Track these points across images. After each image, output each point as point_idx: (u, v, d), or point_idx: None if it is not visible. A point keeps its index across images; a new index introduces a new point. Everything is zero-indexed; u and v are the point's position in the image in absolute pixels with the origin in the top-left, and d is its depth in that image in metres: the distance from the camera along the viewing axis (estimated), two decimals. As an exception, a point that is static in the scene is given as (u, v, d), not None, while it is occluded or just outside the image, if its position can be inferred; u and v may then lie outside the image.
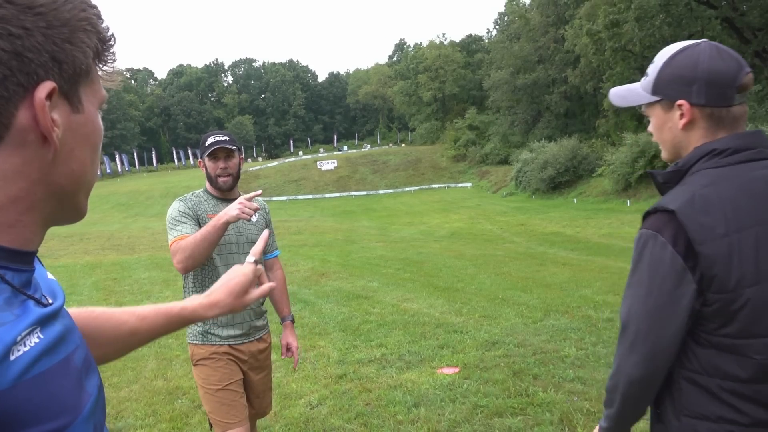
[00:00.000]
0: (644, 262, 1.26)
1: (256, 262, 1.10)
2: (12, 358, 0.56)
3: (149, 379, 5.17)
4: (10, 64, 0.56)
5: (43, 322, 0.62)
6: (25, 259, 0.65)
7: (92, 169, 0.69)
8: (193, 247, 2.39)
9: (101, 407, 0.72)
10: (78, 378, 0.65)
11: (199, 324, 2.65)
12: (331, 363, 5.38)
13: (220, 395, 2.58)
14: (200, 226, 2.53)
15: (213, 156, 2.64)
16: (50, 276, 0.76)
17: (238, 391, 2.63)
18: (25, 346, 0.58)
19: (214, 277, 2.63)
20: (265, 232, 1.24)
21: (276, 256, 2.98)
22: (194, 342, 2.68)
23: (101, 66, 0.67)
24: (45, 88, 0.59)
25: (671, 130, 1.35)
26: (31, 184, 0.62)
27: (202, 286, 2.65)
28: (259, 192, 2.49)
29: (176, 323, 1.01)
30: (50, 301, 0.68)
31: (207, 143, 2.65)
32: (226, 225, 2.38)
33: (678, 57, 1.31)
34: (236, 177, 2.70)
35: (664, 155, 1.42)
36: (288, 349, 2.93)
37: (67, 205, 0.68)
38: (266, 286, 1.10)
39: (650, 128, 1.42)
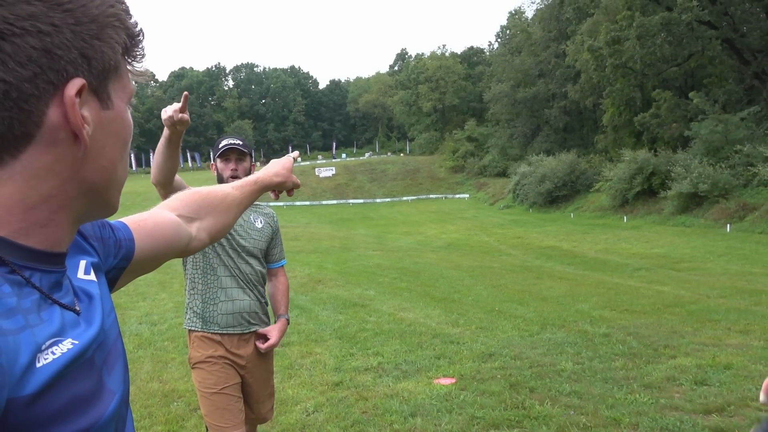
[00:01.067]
0: None
1: (294, 159, 1.42)
2: (38, 365, 0.54)
3: (145, 381, 5.13)
4: (40, 61, 0.56)
5: (70, 329, 0.61)
6: (55, 261, 0.64)
7: (123, 165, 0.69)
8: (156, 155, 2.36)
9: (125, 403, 0.71)
10: (99, 378, 0.64)
11: (198, 311, 2.64)
12: (328, 370, 5.36)
13: (215, 399, 2.57)
14: None
15: (224, 157, 2.68)
16: (85, 276, 0.73)
17: (233, 395, 2.62)
18: (51, 354, 0.56)
19: (213, 278, 2.65)
20: (295, 153, 1.46)
21: (282, 265, 2.96)
22: (193, 328, 2.65)
23: (131, 62, 0.67)
24: (75, 85, 0.58)
25: None
26: (62, 182, 0.61)
27: (205, 288, 2.66)
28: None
29: (259, 189, 1.26)
30: (78, 308, 0.65)
31: (220, 145, 2.69)
32: (167, 133, 2.22)
33: None
34: None
35: None
36: (265, 339, 2.71)
37: (98, 201, 0.67)
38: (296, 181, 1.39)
39: None
